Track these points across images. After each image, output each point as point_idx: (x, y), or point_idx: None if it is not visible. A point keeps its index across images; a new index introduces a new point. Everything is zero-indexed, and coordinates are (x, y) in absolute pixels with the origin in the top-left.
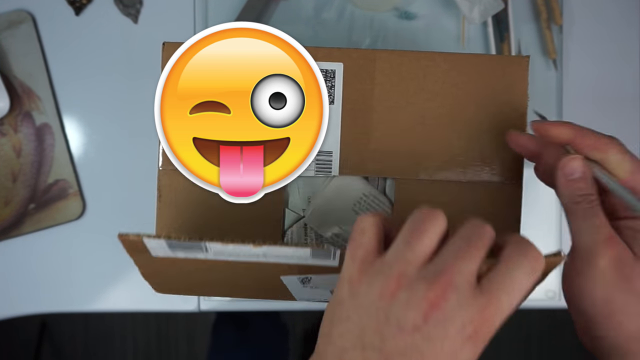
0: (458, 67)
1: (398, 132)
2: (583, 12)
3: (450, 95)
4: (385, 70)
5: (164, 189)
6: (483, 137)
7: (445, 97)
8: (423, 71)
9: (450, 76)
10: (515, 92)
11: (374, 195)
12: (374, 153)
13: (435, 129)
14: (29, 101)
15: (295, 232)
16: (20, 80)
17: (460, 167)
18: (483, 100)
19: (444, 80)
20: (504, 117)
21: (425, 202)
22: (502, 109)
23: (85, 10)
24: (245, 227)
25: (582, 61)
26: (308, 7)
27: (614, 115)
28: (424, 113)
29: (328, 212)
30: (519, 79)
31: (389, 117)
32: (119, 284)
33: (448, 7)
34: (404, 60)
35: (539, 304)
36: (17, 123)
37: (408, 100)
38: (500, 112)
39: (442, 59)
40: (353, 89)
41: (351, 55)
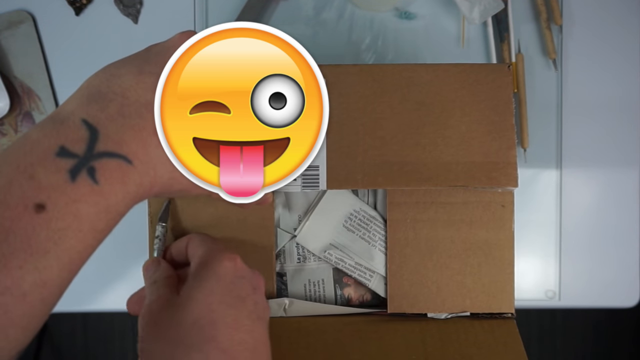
0: (441, 77)
1: (385, 142)
2: (583, 12)
3: (435, 104)
4: (367, 83)
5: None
6: (471, 143)
7: (429, 106)
8: (406, 82)
9: (433, 86)
10: (501, 98)
11: (364, 211)
12: (362, 165)
13: (422, 137)
14: (29, 101)
15: (288, 252)
16: (20, 80)
17: (450, 173)
18: (468, 108)
19: (427, 90)
20: (490, 123)
21: (418, 212)
22: (487, 115)
23: (85, 10)
24: (237, 246)
25: (582, 61)
26: (308, 7)
27: (614, 115)
28: (410, 122)
29: (319, 230)
30: (504, 86)
31: (374, 128)
32: (118, 284)
33: (448, 7)
34: (386, 73)
35: (539, 304)
36: (17, 123)
37: (393, 111)
38: (485, 118)
39: (424, 69)
40: (337, 103)
41: (333, 70)
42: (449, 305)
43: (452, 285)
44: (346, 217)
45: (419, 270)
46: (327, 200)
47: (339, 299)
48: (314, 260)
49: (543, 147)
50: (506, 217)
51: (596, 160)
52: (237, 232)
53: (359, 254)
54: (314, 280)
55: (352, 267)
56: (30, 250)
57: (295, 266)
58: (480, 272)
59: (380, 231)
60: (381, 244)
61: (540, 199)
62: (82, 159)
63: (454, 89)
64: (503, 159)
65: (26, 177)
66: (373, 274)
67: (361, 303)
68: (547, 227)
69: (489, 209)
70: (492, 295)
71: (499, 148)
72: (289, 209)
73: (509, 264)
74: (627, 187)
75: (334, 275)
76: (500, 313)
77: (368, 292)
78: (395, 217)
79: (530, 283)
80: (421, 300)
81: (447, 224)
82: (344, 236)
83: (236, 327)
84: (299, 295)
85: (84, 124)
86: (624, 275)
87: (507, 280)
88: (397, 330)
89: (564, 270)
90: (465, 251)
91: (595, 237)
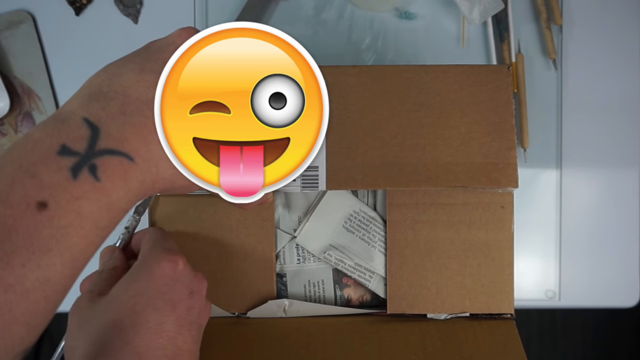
0: (440, 78)
1: (384, 143)
2: (583, 12)
3: (435, 105)
4: (367, 84)
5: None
6: (471, 144)
7: (429, 107)
8: (405, 83)
9: (432, 87)
10: (500, 99)
11: (364, 212)
12: (361, 166)
13: (422, 138)
14: (29, 101)
15: (288, 253)
16: (20, 80)
17: (450, 174)
18: (467, 109)
19: (427, 91)
20: (490, 124)
21: (417, 213)
22: (487, 116)
23: (86, 11)
24: (237, 247)
25: (582, 61)
26: (308, 7)
27: (614, 115)
28: (409, 124)
29: (319, 231)
30: (504, 86)
31: (374, 129)
32: None
33: (448, 7)
34: (386, 74)
35: (539, 304)
36: (17, 123)
37: (393, 112)
38: (485, 119)
39: (424, 71)
40: (336, 104)
41: (332, 71)
42: (448, 306)
43: (451, 286)
44: (346, 218)
45: (418, 271)
46: (326, 201)
47: (338, 300)
48: (313, 261)
49: (543, 147)
50: (506, 218)
51: (596, 160)
52: (237, 233)
53: (359, 254)
54: (314, 281)
55: (351, 268)
56: (33, 248)
57: (295, 267)
58: (479, 273)
59: (380, 232)
60: (381, 244)
61: (540, 199)
62: (83, 157)
63: (453, 89)
64: (503, 160)
65: (28, 176)
66: (373, 275)
67: (361, 303)
68: (547, 227)
69: (489, 210)
70: (492, 295)
71: (499, 149)
72: (288, 209)
73: (509, 265)
74: (627, 187)
75: (334, 276)
76: (500, 314)
77: (368, 293)
78: (395, 218)
79: (530, 283)
80: (421, 301)
81: (446, 225)
82: (344, 237)
83: (158, 332)
84: (298, 296)
85: (85, 123)
86: (624, 275)
87: (507, 281)
88: (397, 330)
89: (564, 270)
90: (465, 252)
91: (595, 237)
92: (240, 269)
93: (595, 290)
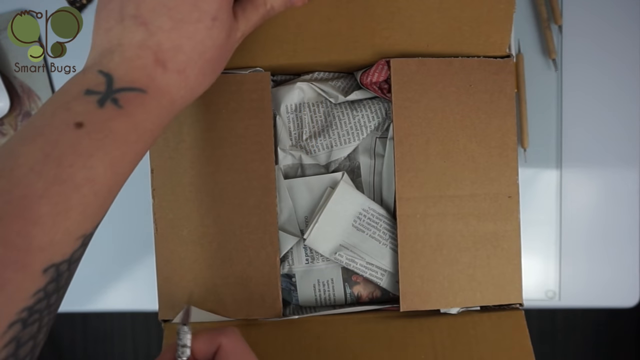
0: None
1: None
2: (583, 12)
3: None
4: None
5: (158, 189)
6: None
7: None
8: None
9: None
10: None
11: (373, 209)
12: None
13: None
14: (29, 101)
15: (296, 254)
16: (20, 80)
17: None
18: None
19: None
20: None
21: (427, 206)
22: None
23: (86, 10)
24: (242, 251)
25: (582, 61)
26: None
27: (614, 115)
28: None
29: (328, 232)
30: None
31: None
32: (118, 284)
33: None
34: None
35: (539, 304)
36: (17, 123)
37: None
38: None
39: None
40: None
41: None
42: (460, 300)
43: (462, 279)
44: (355, 217)
45: (430, 265)
46: (335, 200)
47: (348, 298)
48: (322, 261)
49: (543, 147)
50: (512, 208)
51: (596, 160)
52: (241, 238)
53: (370, 253)
54: (323, 280)
55: (363, 267)
56: (77, 153)
57: (303, 267)
58: (489, 265)
59: (390, 229)
60: (392, 241)
61: (540, 199)
62: (105, 94)
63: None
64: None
65: (64, 109)
66: (385, 273)
67: (371, 300)
68: (547, 227)
69: (496, 201)
70: (501, 286)
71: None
72: (294, 210)
73: (516, 255)
74: (627, 187)
75: (343, 274)
76: (509, 304)
77: (377, 289)
78: (405, 212)
79: (530, 283)
80: (433, 297)
81: (456, 218)
82: (354, 236)
83: None
84: (308, 295)
85: (100, 73)
86: (624, 275)
87: (515, 270)
88: (407, 328)
89: (564, 270)
90: (475, 244)
91: (595, 237)
92: (245, 274)
93: (595, 290)
